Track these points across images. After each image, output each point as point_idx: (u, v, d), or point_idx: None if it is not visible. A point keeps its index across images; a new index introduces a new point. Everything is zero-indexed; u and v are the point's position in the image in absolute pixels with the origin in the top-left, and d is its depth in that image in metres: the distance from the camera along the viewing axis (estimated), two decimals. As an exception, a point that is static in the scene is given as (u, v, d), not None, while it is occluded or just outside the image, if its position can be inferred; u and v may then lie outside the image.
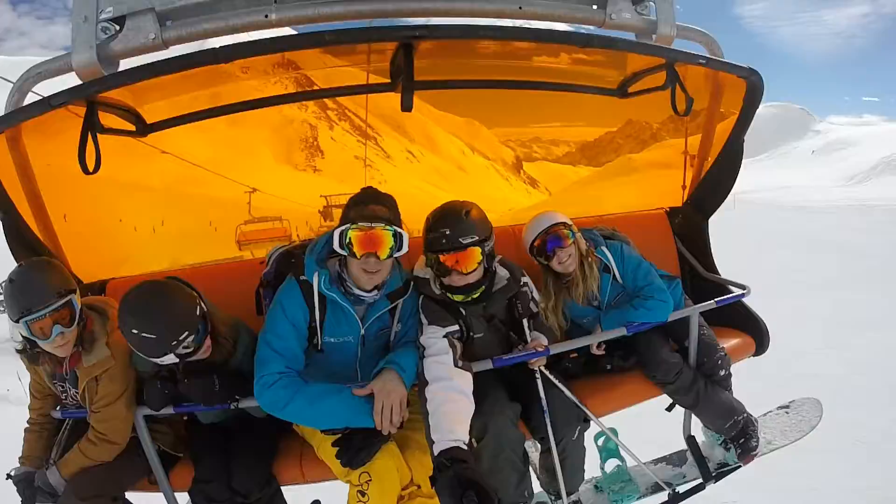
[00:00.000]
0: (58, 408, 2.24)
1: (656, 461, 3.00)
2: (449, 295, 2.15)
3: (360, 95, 4.06)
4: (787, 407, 3.22)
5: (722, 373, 2.55)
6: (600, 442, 2.79)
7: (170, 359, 1.91)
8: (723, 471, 2.77)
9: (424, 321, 2.11)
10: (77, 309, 2.05)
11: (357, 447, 1.91)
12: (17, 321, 1.95)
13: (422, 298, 2.18)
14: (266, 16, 1.72)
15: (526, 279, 2.36)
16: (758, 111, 2.64)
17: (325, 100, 5.69)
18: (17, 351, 2.12)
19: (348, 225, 1.91)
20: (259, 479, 2.11)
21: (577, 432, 2.25)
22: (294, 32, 1.82)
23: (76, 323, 2.04)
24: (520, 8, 1.89)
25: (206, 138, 4.54)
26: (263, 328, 2.04)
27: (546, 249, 2.48)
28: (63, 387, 2.19)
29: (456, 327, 2.11)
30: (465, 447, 1.70)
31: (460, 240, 2.03)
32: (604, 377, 2.57)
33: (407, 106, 2.12)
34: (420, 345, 2.05)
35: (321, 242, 2.06)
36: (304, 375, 2.01)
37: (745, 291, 2.75)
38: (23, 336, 2.01)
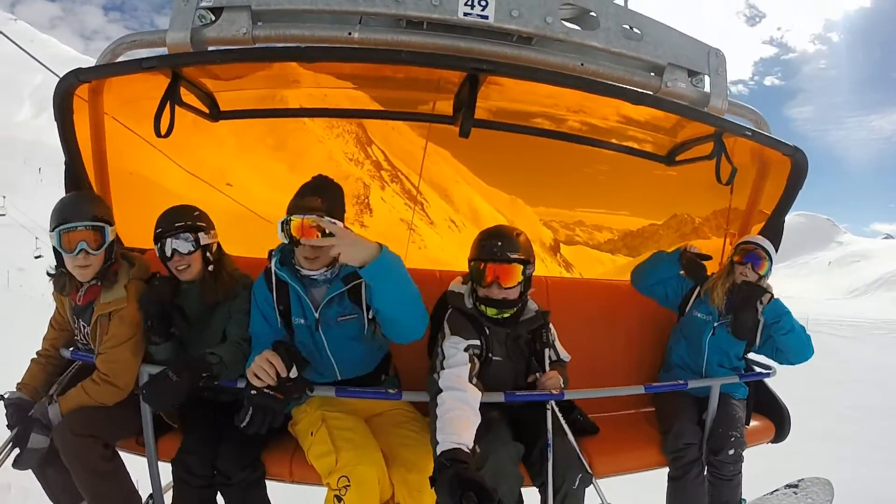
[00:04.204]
0: (70, 350, 2.30)
1: None
2: (482, 307, 2.20)
3: (415, 160, 4.27)
4: (795, 487, 3.05)
5: (731, 452, 2.43)
6: None
7: (170, 244, 2.19)
8: None
9: (448, 331, 2.16)
10: (108, 239, 2.18)
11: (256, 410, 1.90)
12: (52, 230, 2.12)
13: (450, 311, 2.24)
14: (349, 33, 1.91)
15: (550, 326, 2.38)
16: (784, 221, 2.69)
17: (381, 160, 5.94)
18: (48, 274, 2.24)
19: (286, 217, 2.03)
20: (243, 462, 2.09)
21: (577, 482, 2.14)
22: None
23: (103, 250, 2.17)
24: (581, 64, 2.04)
25: (267, 180, 4.77)
26: None
27: (745, 257, 2.65)
28: (77, 322, 2.27)
29: (477, 342, 2.14)
30: (468, 451, 1.69)
31: (508, 253, 2.15)
32: (612, 437, 2.52)
33: (465, 132, 2.24)
34: (440, 351, 2.09)
35: None
36: None
37: (770, 372, 2.69)
38: (53, 248, 2.16)
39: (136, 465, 2.21)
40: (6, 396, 2.21)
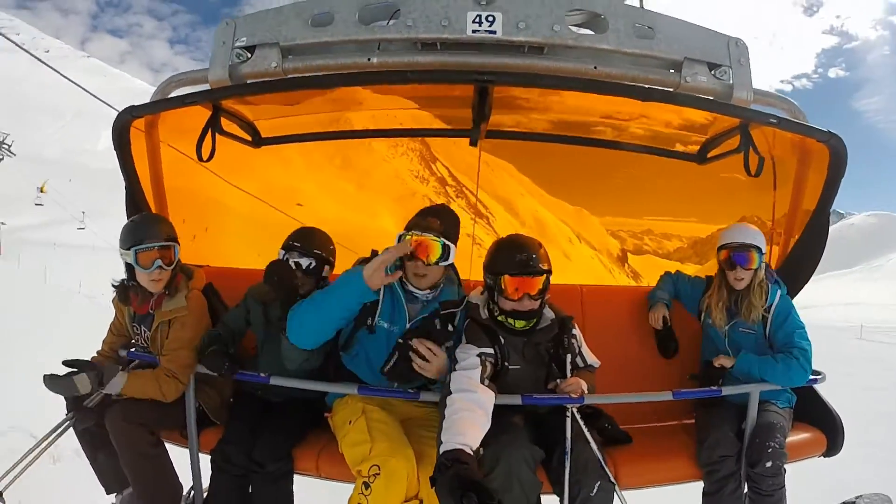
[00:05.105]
0: (127, 351, 2.55)
1: None
2: (510, 320, 2.20)
3: (474, 173, 4.38)
4: None
5: (769, 464, 2.23)
6: None
7: (297, 258, 2.47)
8: None
9: (464, 339, 2.21)
10: (177, 256, 2.46)
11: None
12: (128, 249, 2.37)
13: (468, 321, 2.29)
14: (369, 59, 2.07)
15: (576, 332, 2.34)
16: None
17: (446, 176, 6.13)
18: (113, 286, 2.53)
19: (405, 232, 2.21)
20: (277, 454, 2.24)
21: (595, 489, 2.06)
22: None
23: (173, 267, 2.45)
24: (595, 68, 2.04)
25: (336, 199, 5.07)
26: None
27: (730, 260, 2.57)
28: (138, 329, 2.54)
29: (491, 350, 2.15)
30: (471, 452, 1.70)
31: (540, 265, 2.16)
32: (643, 447, 2.39)
33: (473, 142, 2.38)
34: (454, 357, 2.13)
35: None
36: (349, 358, 2.32)
37: (818, 377, 2.45)
38: (126, 264, 2.44)
39: (178, 461, 2.43)
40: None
